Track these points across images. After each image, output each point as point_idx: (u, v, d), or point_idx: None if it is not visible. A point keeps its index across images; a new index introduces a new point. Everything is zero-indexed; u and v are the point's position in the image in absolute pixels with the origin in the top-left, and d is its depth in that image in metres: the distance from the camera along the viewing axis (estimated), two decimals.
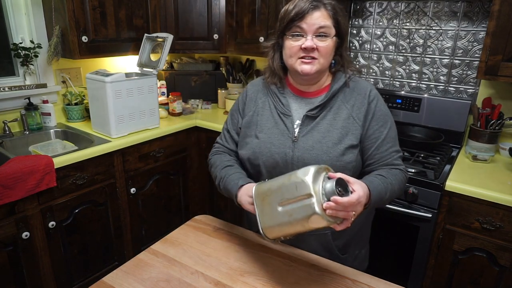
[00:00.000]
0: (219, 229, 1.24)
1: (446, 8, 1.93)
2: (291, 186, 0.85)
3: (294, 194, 0.84)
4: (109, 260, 2.00)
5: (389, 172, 1.04)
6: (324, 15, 1.00)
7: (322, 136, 1.05)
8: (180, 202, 2.39)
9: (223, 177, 1.15)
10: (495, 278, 1.51)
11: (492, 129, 1.82)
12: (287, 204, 0.86)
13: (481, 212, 1.48)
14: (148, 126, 2.09)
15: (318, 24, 0.99)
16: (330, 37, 1.01)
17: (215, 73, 2.71)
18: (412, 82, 2.13)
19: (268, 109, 1.14)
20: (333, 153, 1.03)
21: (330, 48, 1.02)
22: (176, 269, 1.03)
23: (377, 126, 1.07)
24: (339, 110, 1.07)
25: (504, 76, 1.57)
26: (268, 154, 1.08)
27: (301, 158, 1.04)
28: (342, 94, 1.09)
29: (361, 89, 1.09)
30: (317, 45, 1.00)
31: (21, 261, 1.58)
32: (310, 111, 1.07)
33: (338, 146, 1.03)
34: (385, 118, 1.09)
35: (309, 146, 1.05)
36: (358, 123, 1.06)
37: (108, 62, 2.39)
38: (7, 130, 1.92)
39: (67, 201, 1.71)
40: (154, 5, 2.26)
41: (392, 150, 1.09)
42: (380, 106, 1.10)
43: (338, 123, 1.06)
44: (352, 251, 1.19)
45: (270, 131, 1.11)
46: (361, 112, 1.07)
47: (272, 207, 0.89)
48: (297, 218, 0.84)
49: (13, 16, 1.97)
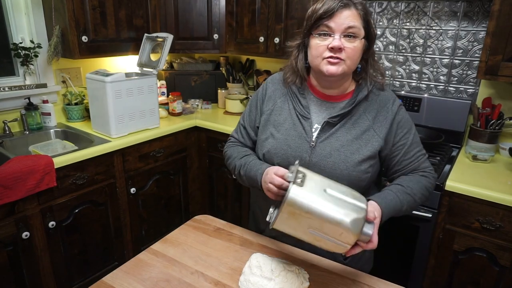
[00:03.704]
0: (219, 229, 1.24)
1: (446, 8, 1.93)
2: (334, 228, 0.80)
3: (333, 235, 0.81)
4: (109, 260, 2.00)
5: (412, 180, 1.04)
6: (354, 15, 0.96)
7: (341, 144, 1.03)
8: (180, 202, 2.39)
9: (243, 164, 1.11)
10: (495, 278, 1.51)
11: (492, 129, 1.82)
12: (319, 232, 0.81)
13: (481, 212, 1.48)
14: (148, 126, 2.09)
15: (347, 24, 0.95)
16: (359, 38, 0.98)
17: (215, 73, 2.71)
18: (412, 82, 2.13)
19: (287, 109, 1.11)
20: (350, 163, 1.01)
21: (358, 50, 0.98)
22: (176, 269, 1.03)
23: (402, 134, 1.06)
24: (359, 119, 1.05)
25: (504, 76, 1.57)
26: (284, 156, 1.06)
27: (317, 165, 1.03)
28: (365, 104, 1.06)
29: (384, 102, 1.06)
30: (344, 45, 0.96)
31: (21, 261, 1.58)
32: (332, 118, 1.04)
33: (356, 156, 1.01)
34: (408, 124, 1.08)
35: (327, 153, 1.02)
36: (379, 135, 1.04)
37: (108, 62, 2.39)
38: (7, 130, 1.92)
39: (67, 201, 1.71)
40: (154, 5, 2.26)
41: (419, 154, 1.08)
42: (403, 114, 1.08)
43: (357, 133, 1.04)
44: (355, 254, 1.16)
45: (287, 132, 1.08)
46: (384, 126, 1.04)
47: (301, 224, 0.82)
48: (320, 245, 0.84)
49: (13, 16, 1.97)
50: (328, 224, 0.80)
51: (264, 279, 0.91)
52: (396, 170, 1.08)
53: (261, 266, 0.94)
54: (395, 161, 1.07)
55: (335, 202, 0.81)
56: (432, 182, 1.08)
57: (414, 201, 1.02)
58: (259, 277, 0.92)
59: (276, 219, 0.83)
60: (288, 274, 0.93)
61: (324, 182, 0.85)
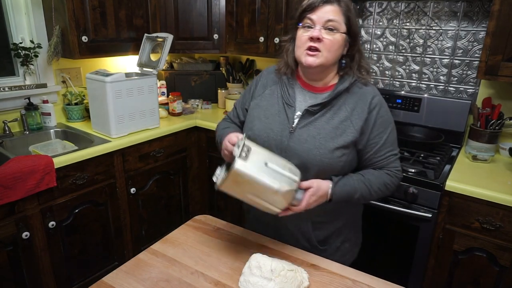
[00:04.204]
0: (219, 229, 1.24)
1: (446, 8, 1.93)
2: (270, 195, 0.96)
3: (269, 200, 0.97)
4: (109, 260, 2.00)
5: (374, 174, 1.11)
6: (335, 10, 1.04)
7: (318, 132, 1.09)
8: (180, 202, 2.39)
9: (221, 135, 1.23)
10: (495, 278, 1.51)
11: (492, 129, 1.82)
12: (257, 198, 0.98)
13: (481, 212, 1.48)
14: (148, 126, 2.09)
15: (328, 17, 1.03)
16: (339, 32, 1.05)
17: (215, 73, 2.71)
18: (412, 82, 2.13)
19: (275, 96, 1.18)
20: (323, 150, 1.07)
21: (336, 42, 1.05)
22: (176, 269, 1.03)
23: (377, 133, 1.10)
24: (339, 110, 1.10)
25: (504, 76, 1.57)
26: (266, 138, 1.14)
27: (293, 149, 1.09)
28: (345, 96, 1.11)
29: (365, 96, 1.11)
30: (323, 37, 1.03)
31: (21, 261, 1.58)
32: (312, 107, 1.10)
33: (330, 144, 1.07)
34: (385, 124, 1.12)
35: (303, 139, 1.09)
36: (355, 127, 1.09)
37: (108, 62, 2.39)
38: (7, 130, 1.92)
39: (67, 201, 1.71)
40: (154, 5, 2.26)
41: (389, 154, 1.13)
42: (382, 113, 1.12)
43: (335, 123, 1.09)
44: (333, 243, 1.22)
45: (272, 117, 1.15)
46: (360, 119, 1.09)
47: (242, 190, 0.97)
48: (257, 206, 1.00)
49: (13, 16, 1.97)
50: (265, 192, 0.95)
51: (264, 280, 0.91)
52: (366, 165, 1.14)
53: (260, 267, 0.94)
54: (366, 157, 1.13)
55: (273, 174, 0.95)
56: (394, 181, 1.14)
57: (369, 193, 1.09)
58: (259, 277, 0.92)
59: (222, 183, 0.96)
60: (288, 274, 0.93)
61: (265, 156, 0.98)
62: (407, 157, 1.79)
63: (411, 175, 1.62)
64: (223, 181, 0.96)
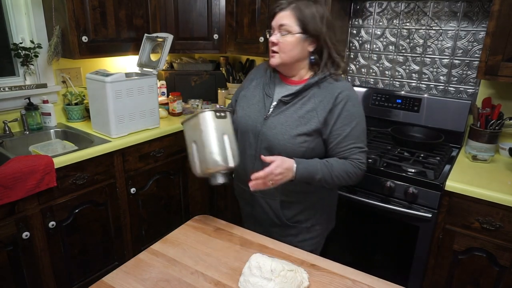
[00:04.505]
0: (219, 229, 1.24)
1: (446, 8, 1.93)
2: (204, 154, 1.13)
3: (200, 157, 1.15)
4: (109, 260, 2.00)
5: (337, 161, 1.21)
6: (287, 15, 1.19)
7: (285, 120, 1.22)
8: (180, 202, 2.39)
9: None
10: (495, 278, 1.51)
11: (492, 129, 1.82)
12: (195, 148, 1.15)
13: (481, 212, 1.48)
14: (148, 126, 2.09)
15: (280, 22, 1.19)
16: (292, 33, 1.18)
17: (215, 73, 2.71)
18: (412, 82, 2.13)
19: (259, 88, 1.34)
20: (287, 136, 1.20)
21: (288, 43, 1.19)
22: (176, 269, 1.03)
23: (341, 125, 1.20)
24: (307, 102, 1.22)
25: (504, 76, 1.57)
26: (244, 124, 1.30)
27: (264, 134, 1.24)
28: (315, 89, 1.23)
29: (333, 90, 1.21)
30: (278, 40, 1.20)
31: (21, 261, 1.58)
32: (284, 97, 1.25)
33: (293, 131, 1.20)
34: (351, 117, 1.20)
35: (273, 126, 1.23)
36: (319, 118, 1.20)
37: (108, 62, 2.39)
38: (7, 130, 1.92)
39: (67, 201, 1.71)
40: (154, 5, 2.26)
41: (352, 146, 1.21)
42: (348, 107, 1.20)
43: (302, 113, 1.22)
44: (303, 223, 1.35)
45: (253, 106, 1.31)
46: (325, 111, 1.20)
47: (193, 134, 1.17)
48: (190, 156, 1.20)
49: (13, 16, 1.97)
50: (204, 150, 1.11)
51: (264, 280, 0.91)
52: (330, 154, 1.25)
53: (260, 267, 0.94)
54: (330, 147, 1.24)
55: (221, 145, 1.11)
56: (356, 172, 1.21)
57: (331, 176, 1.18)
58: (259, 277, 0.92)
59: (186, 120, 1.18)
60: (288, 274, 0.93)
61: (229, 132, 1.15)
62: (407, 157, 1.79)
63: (411, 175, 1.62)
64: (188, 119, 1.16)
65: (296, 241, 1.35)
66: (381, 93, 2.16)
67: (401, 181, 1.64)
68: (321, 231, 1.41)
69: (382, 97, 2.15)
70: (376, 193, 1.72)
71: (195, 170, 1.17)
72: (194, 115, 1.14)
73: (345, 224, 1.88)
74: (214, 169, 1.12)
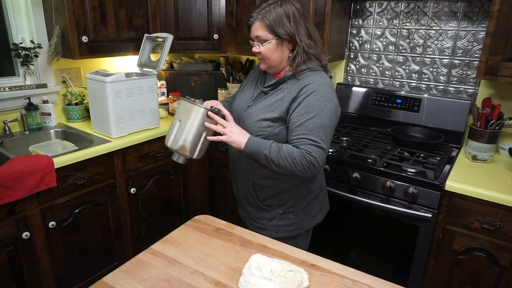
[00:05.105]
0: (219, 229, 1.24)
1: (446, 8, 1.93)
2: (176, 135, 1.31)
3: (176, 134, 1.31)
4: (109, 260, 2.00)
5: (288, 146, 1.25)
6: (258, 26, 1.28)
7: (259, 107, 1.36)
8: (180, 202, 2.39)
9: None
10: (495, 278, 1.51)
11: (492, 129, 1.82)
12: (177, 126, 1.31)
13: (481, 212, 1.48)
14: (148, 126, 2.09)
15: (255, 34, 1.30)
16: (269, 41, 1.28)
17: (215, 73, 2.71)
18: (412, 82, 2.13)
19: (254, 82, 1.48)
20: (254, 119, 1.34)
21: (269, 50, 1.30)
22: (176, 269, 1.03)
23: (298, 114, 1.26)
24: (280, 93, 1.33)
25: (504, 76, 1.57)
26: (234, 110, 1.47)
27: (244, 119, 1.39)
28: (290, 82, 1.33)
29: (302, 82, 1.29)
30: (260, 49, 1.31)
31: (21, 261, 1.58)
32: (264, 88, 1.39)
33: (259, 116, 1.33)
34: (309, 109, 1.25)
35: (250, 111, 1.38)
36: (283, 107, 1.30)
37: (108, 62, 2.40)
38: (7, 130, 1.92)
39: (67, 201, 1.71)
40: (154, 5, 2.26)
41: (302, 136, 1.24)
42: (309, 100, 1.25)
43: (272, 101, 1.33)
44: (276, 208, 1.43)
45: (243, 96, 1.47)
46: (288, 100, 1.29)
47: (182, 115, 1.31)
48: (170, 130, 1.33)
49: (13, 16, 1.97)
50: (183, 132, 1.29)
51: (264, 280, 0.91)
52: (287, 141, 1.30)
53: (260, 267, 0.94)
54: (287, 133, 1.31)
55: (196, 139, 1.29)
56: (302, 161, 1.22)
57: (276, 156, 1.24)
58: (258, 278, 0.92)
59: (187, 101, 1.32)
60: (288, 274, 0.93)
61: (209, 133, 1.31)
62: (407, 157, 1.79)
63: (411, 175, 1.62)
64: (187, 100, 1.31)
65: (270, 225, 1.45)
66: (381, 93, 2.16)
67: (401, 181, 1.64)
68: (295, 221, 1.44)
69: (382, 97, 2.15)
70: (376, 193, 1.72)
71: (167, 141, 1.34)
72: (193, 103, 1.29)
73: (345, 224, 1.88)
74: (180, 151, 1.31)
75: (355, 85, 2.31)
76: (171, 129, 1.33)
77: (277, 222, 1.44)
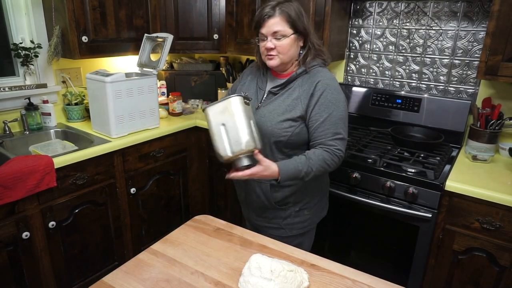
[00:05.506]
0: (219, 229, 1.24)
1: (446, 8, 1.93)
2: (237, 135, 1.15)
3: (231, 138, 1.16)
4: (109, 260, 2.00)
5: (315, 153, 1.28)
6: (278, 21, 1.26)
7: (274, 108, 1.35)
8: (180, 202, 2.39)
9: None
10: (495, 278, 1.51)
11: (492, 129, 1.82)
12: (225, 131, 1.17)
13: (481, 212, 1.48)
14: (148, 126, 2.09)
15: (273, 30, 1.27)
16: (287, 36, 1.28)
17: (215, 73, 2.71)
18: (412, 82, 2.13)
19: (253, 83, 1.47)
20: (275, 121, 1.32)
21: (287, 45, 1.29)
22: (176, 269, 1.03)
23: (319, 110, 1.29)
24: (293, 91, 1.34)
25: (504, 76, 1.57)
26: None
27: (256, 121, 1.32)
28: (300, 80, 1.34)
29: (314, 79, 1.31)
30: (275, 44, 1.28)
31: (21, 261, 1.58)
32: (273, 88, 1.37)
33: (280, 117, 1.32)
34: (328, 104, 1.29)
35: (263, 113, 1.36)
36: (302, 105, 1.31)
37: (108, 62, 2.39)
38: (7, 130, 1.92)
39: (67, 201, 1.71)
40: (154, 5, 2.26)
41: (327, 131, 1.29)
42: (326, 95, 1.29)
43: (288, 101, 1.33)
44: (292, 206, 1.43)
45: None
46: (306, 98, 1.31)
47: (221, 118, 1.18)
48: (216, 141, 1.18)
49: (13, 16, 1.97)
50: (235, 131, 1.15)
51: (264, 280, 0.91)
52: (310, 139, 1.34)
53: (260, 267, 0.94)
54: (310, 132, 1.33)
55: (250, 128, 1.17)
56: (333, 158, 1.28)
57: (312, 170, 1.26)
58: (258, 278, 0.92)
59: (212, 105, 1.18)
60: (288, 274, 0.93)
61: (252, 117, 1.22)
62: (407, 157, 1.79)
63: (411, 175, 1.62)
64: (212, 104, 1.18)
65: (284, 224, 1.45)
66: (381, 93, 2.15)
67: (401, 181, 1.64)
68: (310, 216, 1.47)
69: (382, 97, 2.15)
70: (376, 193, 1.72)
71: (224, 153, 1.17)
72: (221, 100, 1.18)
73: (345, 224, 1.88)
74: (246, 149, 1.15)
75: (355, 85, 2.31)
76: (220, 139, 1.18)
77: (291, 220, 1.44)
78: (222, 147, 1.17)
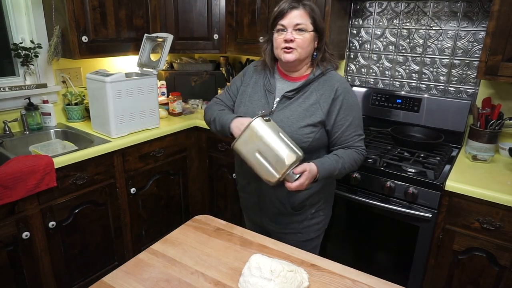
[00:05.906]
0: (219, 229, 1.24)
1: (446, 8, 1.93)
2: (275, 154, 1.12)
3: (272, 161, 1.13)
4: (109, 260, 2.00)
5: (345, 152, 1.31)
6: (301, 14, 1.25)
7: (291, 113, 1.30)
8: (180, 202, 2.39)
9: (218, 115, 1.39)
10: (495, 278, 1.51)
11: (492, 129, 1.82)
12: (262, 157, 1.13)
13: (481, 212, 1.48)
14: (148, 126, 2.09)
15: (296, 21, 1.24)
16: (308, 31, 1.26)
17: (215, 73, 2.71)
18: (412, 82, 2.13)
19: (259, 85, 1.40)
20: (294, 127, 1.28)
21: (306, 40, 1.26)
22: (176, 269, 1.03)
23: (344, 115, 1.30)
24: (310, 95, 1.31)
25: (504, 76, 1.57)
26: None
27: None
28: (316, 83, 1.32)
29: (331, 83, 1.31)
30: (295, 37, 1.25)
31: (21, 261, 1.58)
32: (288, 92, 1.32)
33: (300, 123, 1.28)
34: (351, 108, 1.31)
35: (280, 119, 1.29)
36: (322, 110, 1.29)
37: (108, 62, 2.40)
38: (7, 130, 1.92)
39: (67, 201, 1.71)
40: (154, 5, 2.26)
41: (354, 134, 1.33)
42: (347, 99, 1.31)
43: (305, 106, 1.30)
44: (308, 210, 1.42)
45: (255, 102, 1.38)
46: (327, 103, 1.29)
47: (253, 146, 1.14)
48: (258, 168, 1.15)
49: (13, 16, 1.97)
50: (272, 152, 1.11)
51: (264, 280, 0.91)
52: (335, 143, 1.35)
53: (260, 267, 0.94)
54: (334, 137, 1.33)
55: (283, 141, 1.13)
56: (361, 157, 1.34)
57: (344, 168, 1.29)
58: (258, 278, 0.92)
59: (237, 140, 1.14)
60: (288, 274, 0.93)
61: (279, 129, 1.17)
62: (407, 157, 1.79)
63: (411, 175, 1.62)
64: (238, 138, 1.13)
65: (301, 228, 1.43)
66: (381, 93, 2.15)
67: (401, 181, 1.64)
68: (324, 217, 1.48)
69: (382, 97, 2.15)
70: (376, 193, 1.72)
71: (272, 177, 1.13)
72: (243, 131, 1.13)
73: (345, 224, 1.88)
74: (289, 163, 1.12)
75: (355, 85, 2.31)
76: (262, 166, 1.14)
77: (307, 223, 1.43)
78: (268, 173, 1.13)
